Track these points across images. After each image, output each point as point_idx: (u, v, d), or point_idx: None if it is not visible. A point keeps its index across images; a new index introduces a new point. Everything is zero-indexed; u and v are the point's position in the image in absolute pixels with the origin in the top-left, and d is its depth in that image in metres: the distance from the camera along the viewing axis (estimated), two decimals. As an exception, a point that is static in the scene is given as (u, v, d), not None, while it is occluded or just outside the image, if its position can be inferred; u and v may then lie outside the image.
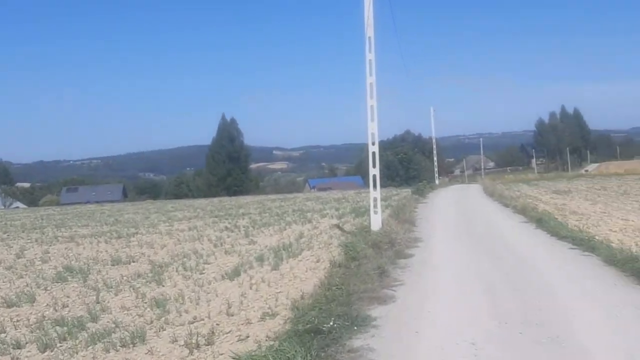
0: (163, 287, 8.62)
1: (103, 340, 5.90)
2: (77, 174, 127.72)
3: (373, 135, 13.27)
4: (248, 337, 5.69)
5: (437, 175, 53.59)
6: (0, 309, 7.73)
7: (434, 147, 54.89)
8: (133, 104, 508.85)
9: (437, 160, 54.65)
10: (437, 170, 54.19)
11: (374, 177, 13.30)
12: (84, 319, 6.81)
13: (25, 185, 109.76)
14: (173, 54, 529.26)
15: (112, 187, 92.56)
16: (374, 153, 13.24)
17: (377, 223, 13.11)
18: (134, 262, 11.42)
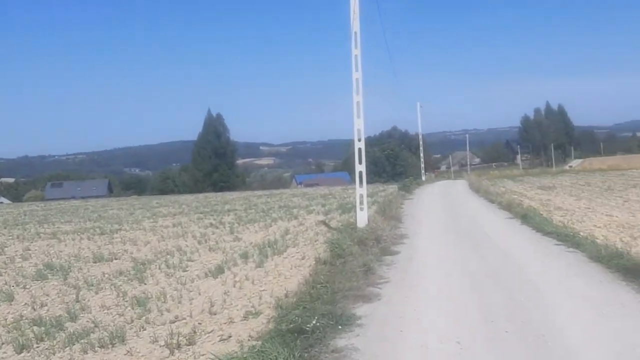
0: (145, 285, 8.47)
1: (81, 341, 5.75)
2: (62, 169, 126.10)
3: (359, 132, 13.21)
4: (230, 337, 5.58)
5: (423, 172, 53.88)
6: (-23, 309, 7.53)
7: (421, 143, 55.09)
8: (119, 99, 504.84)
9: (423, 157, 54.99)
10: (423, 167, 54.52)
11: (360, 173, 13.24)
12: (63, 319, 6.65)
13: (10, 181, 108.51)
14: (159, 49, 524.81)
15: (97, 182, 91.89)
16: (360, 149, 13.17)
17: (363, 220, 13.06)
18: (117, 259, 11.23)
